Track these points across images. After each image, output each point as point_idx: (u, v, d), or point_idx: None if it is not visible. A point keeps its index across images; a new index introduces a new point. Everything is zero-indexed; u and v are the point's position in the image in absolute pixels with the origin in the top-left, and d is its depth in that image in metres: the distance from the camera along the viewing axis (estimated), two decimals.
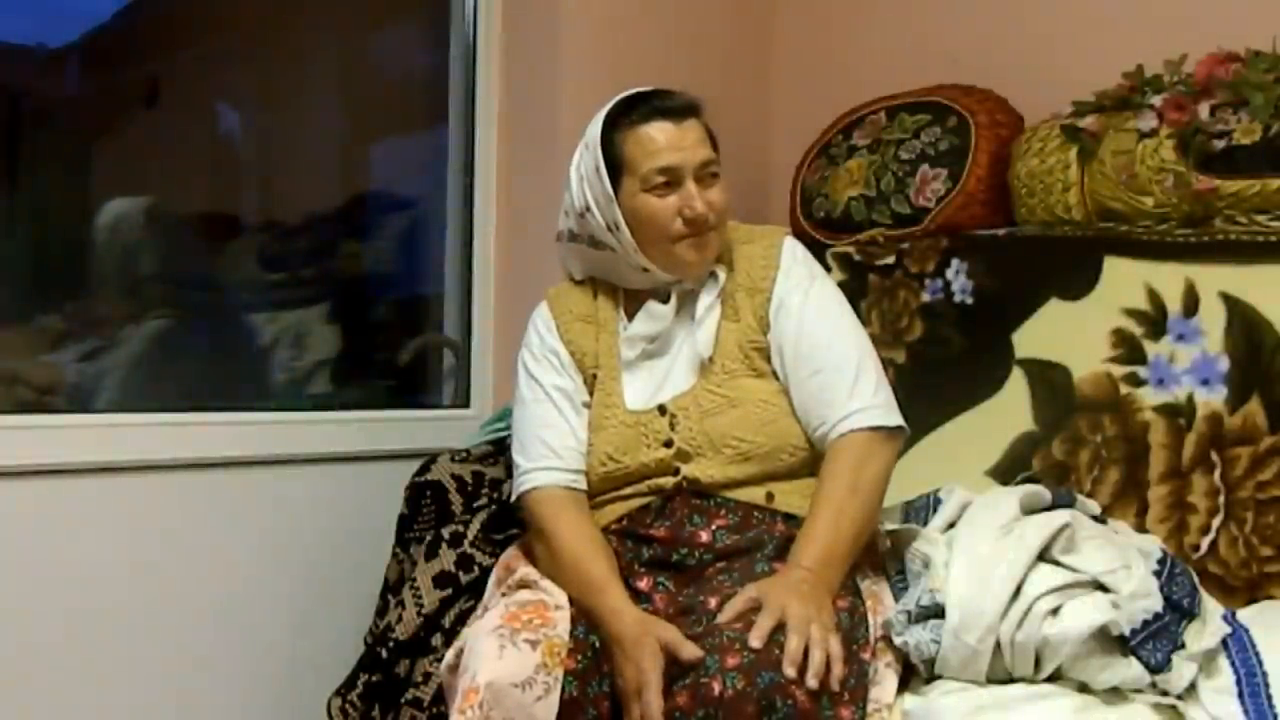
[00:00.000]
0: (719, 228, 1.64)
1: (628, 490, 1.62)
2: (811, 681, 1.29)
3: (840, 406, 1.57)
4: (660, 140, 1.61)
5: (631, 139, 1.63)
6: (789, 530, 1.56)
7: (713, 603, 1.43)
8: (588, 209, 1.66)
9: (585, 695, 1.42)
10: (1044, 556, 1.47)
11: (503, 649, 1.38)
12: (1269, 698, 1.36)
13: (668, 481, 1.59)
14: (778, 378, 1.64)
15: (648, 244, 1.64)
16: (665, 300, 1.67)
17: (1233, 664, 1.42)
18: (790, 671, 1.29)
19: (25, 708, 1.73)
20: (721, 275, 1.67)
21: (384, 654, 1.74)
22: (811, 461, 1.61)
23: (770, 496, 1.58)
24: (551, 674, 1.39)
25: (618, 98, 1.67)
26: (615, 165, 1.63)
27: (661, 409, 1.62)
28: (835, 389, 1.58)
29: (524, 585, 1.56)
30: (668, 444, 1.60)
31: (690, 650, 1.34)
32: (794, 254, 1.69)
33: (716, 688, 1.28)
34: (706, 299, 1.66)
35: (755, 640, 1.31)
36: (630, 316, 1.70)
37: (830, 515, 1.50)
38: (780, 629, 1.33)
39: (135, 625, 1.84)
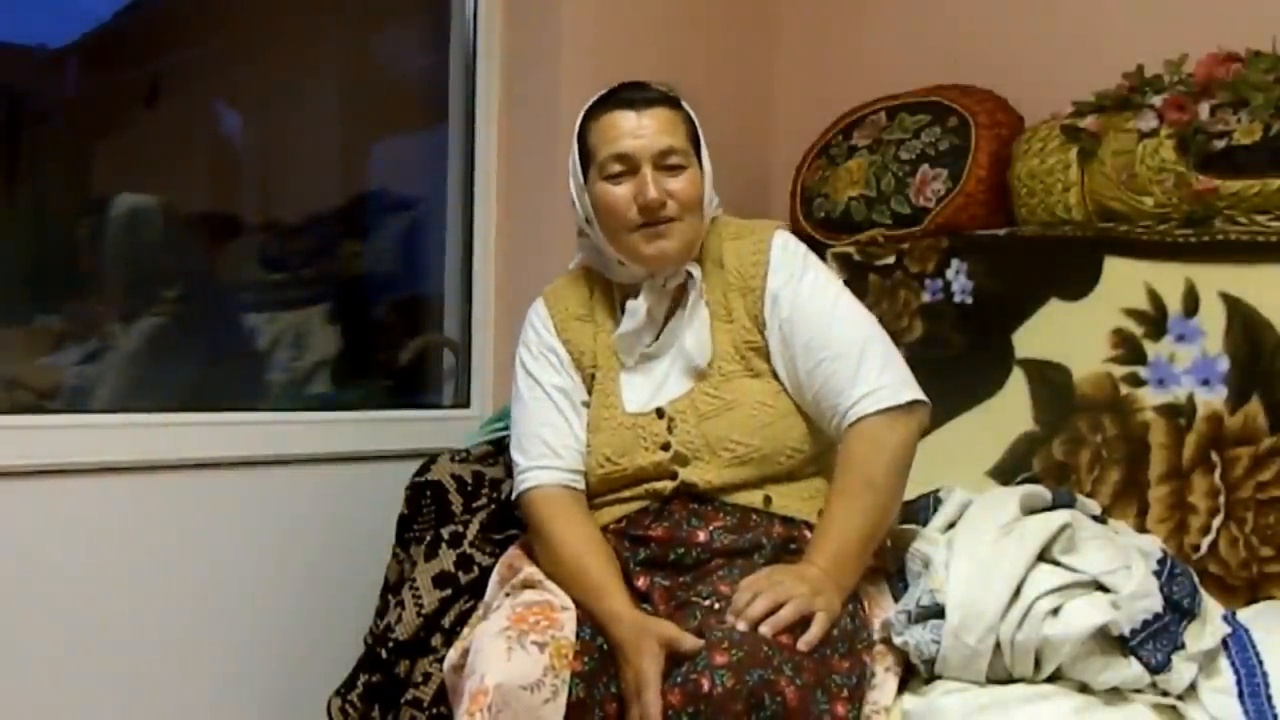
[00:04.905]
0: (682, 219, 1.61)
1: (626, 493, 1.61)
2: (802, 646, 1.33)
3: (847, 395, 1.55)
4: (618, 127, 1.61)
5: (595, 128, 1.63)
6: (787, 532, 1.56)
7: (712, 600, 1.43)
8: (573, 201, 1.67)
9: (592, 697, 1.41)
10: (1044, 557, 1.47)
11: (510, 651, 1.38)
12: (1269, 698, 1.37)
13: (665, 486, 1.58)
14: (777, 377, 1.62)
15: (612, 235, 1.63)
16: (636, 295, 1.65)
17: (1233, 664, 1.42)
18: (765, 631, 1.32)
19: (25, 707, 1.73)
20: (697, 273, 1.64)
21: (384, 654, 1.74)
22: (811, 463, 1.61)
23: (768, 500, 1.58)
24: (559, 676, 1.38)
25: (601, 91, 1.67)
26: (585, 156, 1.64)
27: (659, 412, 1.62)
28: (840, 378, 1.56)
29: (529, 585, 1.55)
30: (665, 447, 1.59)
31: (691, 642, 1.35)
32: (784, 248, 1.65)
33: (705, 684, 1.28)
34: (691, 299, 1.64)
35: (742, 624, 1.33)
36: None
37: (843, 513, 1.50)
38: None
39: (135, 625, 1.84)
